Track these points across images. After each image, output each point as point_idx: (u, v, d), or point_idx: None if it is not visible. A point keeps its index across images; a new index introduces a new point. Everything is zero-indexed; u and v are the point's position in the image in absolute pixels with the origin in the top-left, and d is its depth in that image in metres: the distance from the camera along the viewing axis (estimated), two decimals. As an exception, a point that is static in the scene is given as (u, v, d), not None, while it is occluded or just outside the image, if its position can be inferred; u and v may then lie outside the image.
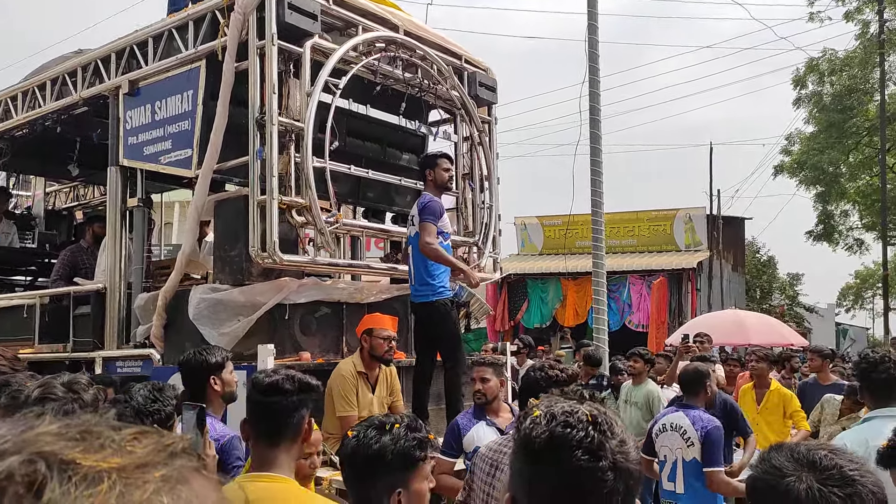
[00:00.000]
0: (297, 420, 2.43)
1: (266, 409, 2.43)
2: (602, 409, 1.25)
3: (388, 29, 5.76)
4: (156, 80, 5.64)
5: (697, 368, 5.05)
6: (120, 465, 0.59)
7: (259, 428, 2.44)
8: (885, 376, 3.44)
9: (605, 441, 1.18)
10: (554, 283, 20.19)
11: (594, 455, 1.16)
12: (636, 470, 1.21)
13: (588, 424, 1.19)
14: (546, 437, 1.19)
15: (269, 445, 2.39)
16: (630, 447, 1.21)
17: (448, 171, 5.35)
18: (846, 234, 30.21)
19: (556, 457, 1.17)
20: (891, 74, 25.12)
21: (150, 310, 5.58)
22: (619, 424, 1.24)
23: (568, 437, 1.18)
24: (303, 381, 2.50)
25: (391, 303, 5.94)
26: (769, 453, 1.35)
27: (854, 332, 38.55)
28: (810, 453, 1.29)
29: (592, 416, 1.21)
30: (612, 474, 1.16)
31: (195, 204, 5.33)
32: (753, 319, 13.98)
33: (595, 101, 9.39)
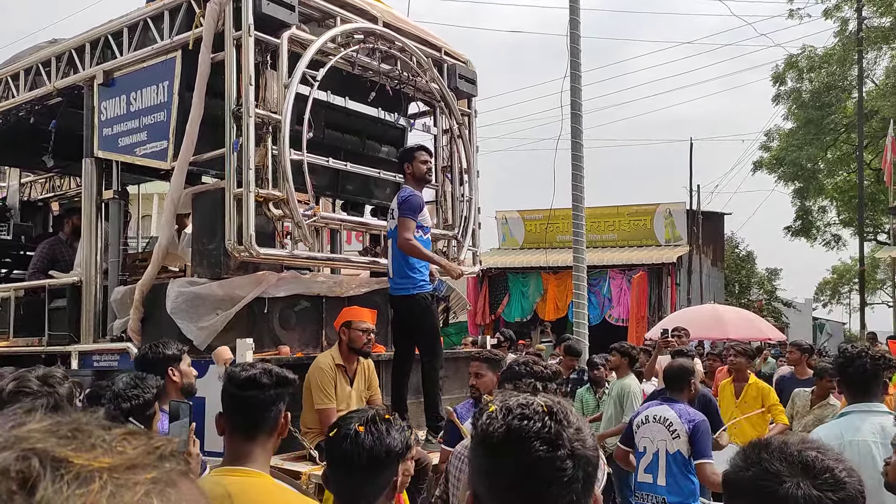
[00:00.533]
0: (274, 414, 2.41)
1: (243, 404, 2.40)
2: (556, 399, 1.26)
3: (367, 20, 5.72)
4: (131, 71, 5.56)
5: (682, 365, 5.07)
6: (111, 466, 0.59)
7: (235, 422, 2.41)
8: (861, 371, 3.44)
9: (562, 430, 1.19)
10: (535, 277, 20.24)
11: (552, 445, 1.18)
12: (594, 456, 1.22)
13: (544, 415, 1.20)
14: (504, 431, 1.20)
15: (245, 440, 2.36)
16: (586, 434, 1.22)
17: (426, 164, 5.30)
18: (824, 230, 30.59)
19: (515, 449, 1.19)
20: (869, 72, 25.41)
21: (127, 303, 5.52)
22: (574, 413, 1.25)
23: (525, 429, 1.19)
24: (280, 374, 2.47)
25: (371, 296, 5.91)
26: (759, 454, 1.33)
27: (831, 326, 39.01)
28: (801, 455, 1.29)
29: (548, 406, 1.22)
30: (570, 462, 1.17)
31: (171, 196, 5.27)
32: (732, 314, 14.08)
33: (576, 96, 9.40)
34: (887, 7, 24.29)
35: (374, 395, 5.06)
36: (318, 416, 4.72)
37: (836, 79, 25.82)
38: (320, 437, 4.76)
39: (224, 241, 4.91)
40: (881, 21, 25.09)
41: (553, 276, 19.70)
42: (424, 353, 5.25)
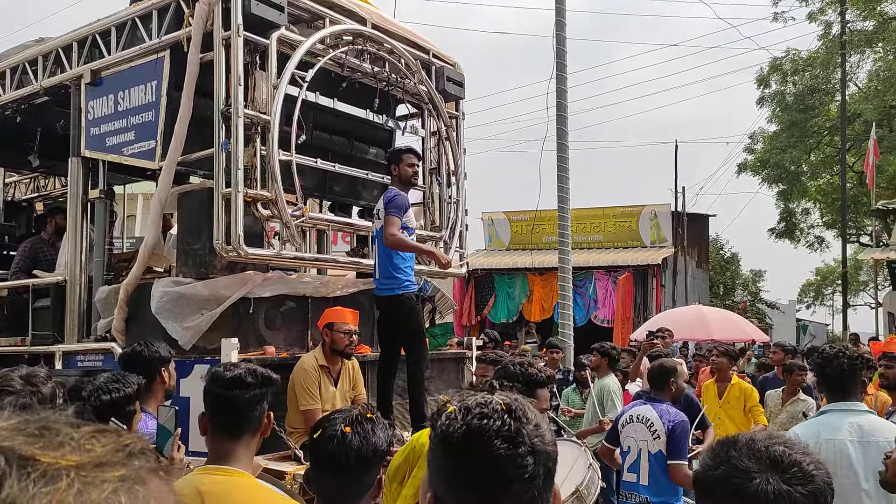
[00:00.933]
0: (258, 414, 2.43)
1: (227, 403, 2.41)
2: (514, 396, 1.28)
3: (356, 22, 5.73)
4: (119, 70, 5.55)
5: (663, 364, 5.15)
6: (78, 463, 0.59)
7: (219, 422, 2.41)
8: (839, 371, 3.46)
9: (522, 427, 1.20)
10: (520, 278, 20.31)
11: (513, 442, 1.19)
12: (553, 451, 1.24)
13: (503, 413, 1.21)
14: (464, 431, 1.21)
15: (229, 439, 2.37)
16: (545, 430, 1.24)
17: (412, 167, 5.31)
18: (807, 232, 30.86)
19: (476, 449, 1.19)
20: (852, 75, 25.67)
21: (111, 303, 5.51)
22: (532, 410, 1.26)
23: (485, 428, 1.20)
24: (264, 374, 2.49)
25: (357, 297, 5.93)
26: (727, 451, 1.35)
27: (814, 328, 39.35)
28: (769, 450, 1.31)
29: (506, 404, 1.23)
30: (531, 459, 1.19)
31: (158, 196, 5.26)
32: (716, 315, 14.20)
33: (562, 98, 9.45)
34: (870, 11, 24.54)
35: (359, 395, 5.07)
36: (303, 417, 4.73)
37: (819, 82, 26.06)
38: (305, 437, 4.76)
39: (211, 241, 4.91)
40: (864, 25, 25.35)
41: (539, 277, 19.77)
42: (410, 354, 5.26)
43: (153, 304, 5.04)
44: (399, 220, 5.05)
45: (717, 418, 6.83)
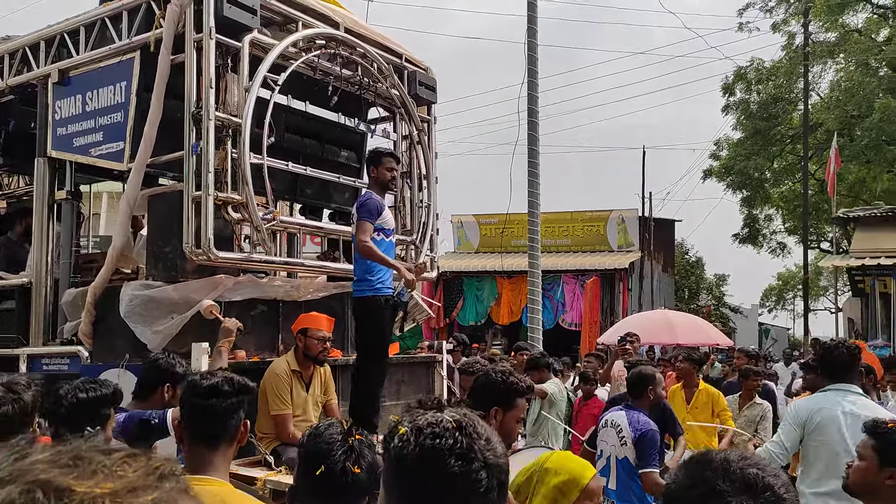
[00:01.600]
0: (235, 422, 2.43)
1: (205, 412, 2.41)
2: (463, 411, 1.30)
3: (329, 26, 5.73)
4: (87, 70, 5.47)
5: (642, 372, 5.22)
6: (112, 490, 0.61)
7: (196, 431, 2.41)
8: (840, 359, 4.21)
9: (474, 443, 1.23)
10: (489, 281, 20.39)
11: (466, 459, 1.21)
12: (504, 463, 1.27)
13: (455, 431, 1.24)
14: (417, 452, 1.23)
15: (206, 448, 2.37)
16: (496, 443, 1.27)
17: (391, 172, 5.26)
18: (770, 238, 31.42)
19: (431, 468, 1.21)
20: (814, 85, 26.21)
21: (78, 305, 5.43)
22: (482, 424, 1.29)
23: (438, 447, 1.22)
24: (240, 383, 2.49)
25: (328, 301, 5.91)
26: (702, 472, 1.37)
27: (776, 332, 40.01)
28: (744, 472, 1.34)
29: (457, 421, 1.26)
30: (485, 473, 1.22)
31: (127, 198, 5.20)
32: (681, 319, 14.39)
33: (533, 104, 9.53)
34: (833, 23, 25.08)
35: (330, 399, 5.07)
36: (274, 422, 4.71)
37: (782, 91, 26.57)
38: (275, 442, 4.75)
39: (180, 244, 4.87)
40: (826, 36, 25.91)
41: (507, 280, 19.87)
42: (359, 356, 5.18)
43: (122, 308, 4.98)
44: (370, 225, 5.01)
45: (684, 423, 6.93)
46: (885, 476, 2.61)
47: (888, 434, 2.66)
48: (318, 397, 4.95)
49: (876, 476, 2.63)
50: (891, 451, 2.62)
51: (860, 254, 14.97)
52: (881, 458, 2.63)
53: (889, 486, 2.60)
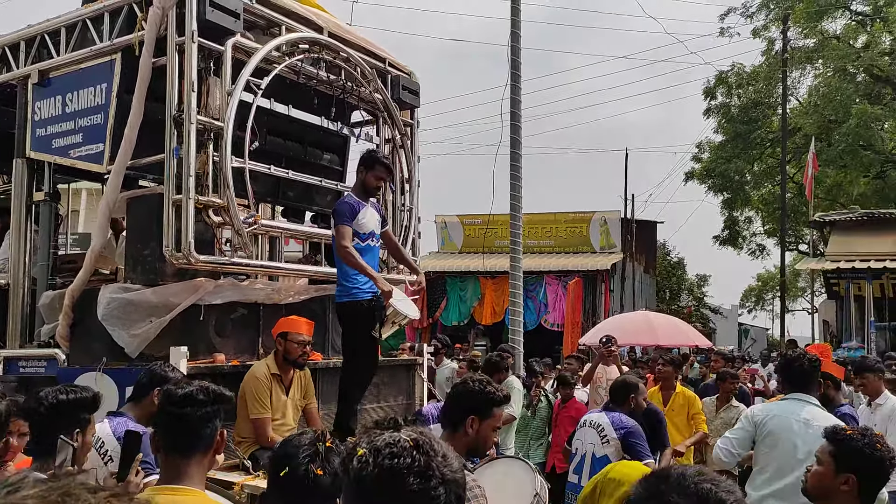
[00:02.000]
0: (210, 431, 2.41)
1: (179, 421, 2.39)
2: (419, 429, 1.35)
3: (312, 30, 5.73)
4: (68, 72, 5.44)
5: (626, 380, 5.37)
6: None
7: (171, 440, 2.40)
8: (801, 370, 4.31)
9: (431, 461, 1.27)
10: (472, 281, 20.42)
11: (424, 477, 1.25)
12: (461, 478, 1.31)
13: (412, 450, 1.28)
14: (376, 473, 1.27)
15: (181, 457, 2.35)
16: (452, 459, 1.31)
17: (378, 181, 5.24)
18: (749, 240, 31.70)
19: (390, 488, 1.25)
20: (793, 90, 26.50)
21: (56, 308, 5.39)
22: (438, 441, 1.33)
23: (397, 467, 1.26)
24: (216, 391, 2.47)
25: (309, 304, 5.91)
26: (658, 486, 1.42)
27: (755, 332, 40.40)
28: (698, 487, 1.38)
29: (413, 440, 1.30)
30: (443, 489, 1.26)
31: (106, 200, 5.17)
32: (662, 321, 14.48)
33: (516, 107, 9.56)
34: (812, 29, 25.36)
35: (310, 403, 5.07)
36: (253, 426, 4.71)
37: (762, 96, 26.85)
38: (254, 446, 4.75)
39: (160, 248, 4.86)
40: (805, 42, 26.20)
41: (491, 280, 19.91)
42: (343, 360, 5.24)
43: (100, 311, 4.95)
44: (347, 229, 4.99)
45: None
46: (841, 481, 2.69)
47: (846, 441, 2.74)
48: (297, 401, 4.95)
49: (832, 481, 2.71)
50: (847, 458, 2.70)
51: (835, 257, 15.16)
52: (837, 463, 2.72)
53: (843, 492, 2.68)
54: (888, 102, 23.93)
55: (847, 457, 2.71)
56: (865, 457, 2.68)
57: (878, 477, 2.73)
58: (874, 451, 2.69)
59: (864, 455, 2.69)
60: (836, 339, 15.47)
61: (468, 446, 2.95)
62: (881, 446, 2.72)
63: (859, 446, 2.70)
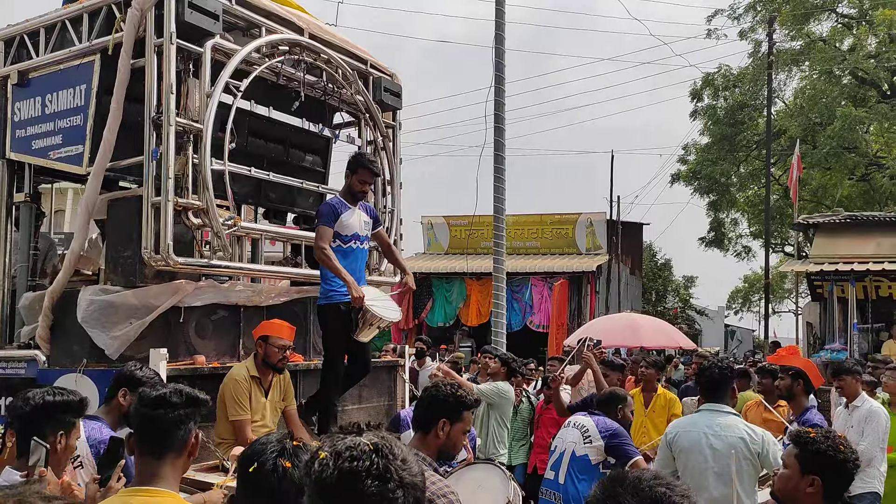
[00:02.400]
0: (182, 434, 2.44)
1: (152, 422, 2.43)
2: (381, 434, 1.39)
3: (293, 31, 5.73)
4: (47, 72, 5.42)
5: (615, 392, 5.47)
6: None
7: (144, 441, 2.44)
8: (710, 379, 4.43)
9: (389, 464, 1.32)
10: (458, 282, 20.45)
11: (382, 479, 1.29)
12: (420, 482, 1.35)
13: (371, 453, 1.33)
14: (336, 476, 1.31)
15: (154, 459, 2.39)
16: (411, 463, 1.35)
17: (363, 185, 5.27)
18: (735, 241, 31.87)
19: (349, 489, 1.29)
20: (779, 92, 26.67)
21: (35, 309, 5.38)
22: (399, 445, 1.37)
23: (355, 469, 1.30)
24: (190, 394, 2.50)
25: (290, 306, 5.92)
26: (615, 488, 1.47)
27: (741, 333, 40.62)
28: (652, 491, 1.43)
29: (374, 444, 1.34)
30: (401, 492, 1.30)
31: (85, 202, 5.16)
32: (646, 323, 14.54)
33: (500, 109, 9.61)
34: (798, 31, 25.55)
35: (289, 405, 5.08)
36: (232, 428, 4.72)
37: (748, 98, 26.99)
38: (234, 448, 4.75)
39: (140, 249, 4.86)
40: (791, 44, 26.38)
41: (476, 281, 19.94)
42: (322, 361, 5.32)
43: (79, 313, 4.94)
44: (327, 230, 5.04)
45: (642, 427, 7.06)
46: (806, 483, 2.73)
47: (810, 443, 2.78)
48: (277, 403, 4.97)
49: (798, 483, 2.75)
50: (811, 460, 2.75)
51: (819, 259, 15.26)
52: (802, 466, 2.76)
53: (809, 493, 2.73)
54: (873, 105, 24.11)
55: (811, 459, 2.75)
56: (829, 458, 2.72)
57: (842, 478, 2.77)
58: (837, 453, 2.73)
59: (827, 457, 2.73)
60: (819, 341, 15.58)
61: (438, 449, 3.00)
62: (844, 448, 2.76)
63: (823, 448, 2.74)
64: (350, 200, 5.26)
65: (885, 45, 23.86)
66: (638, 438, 6.72)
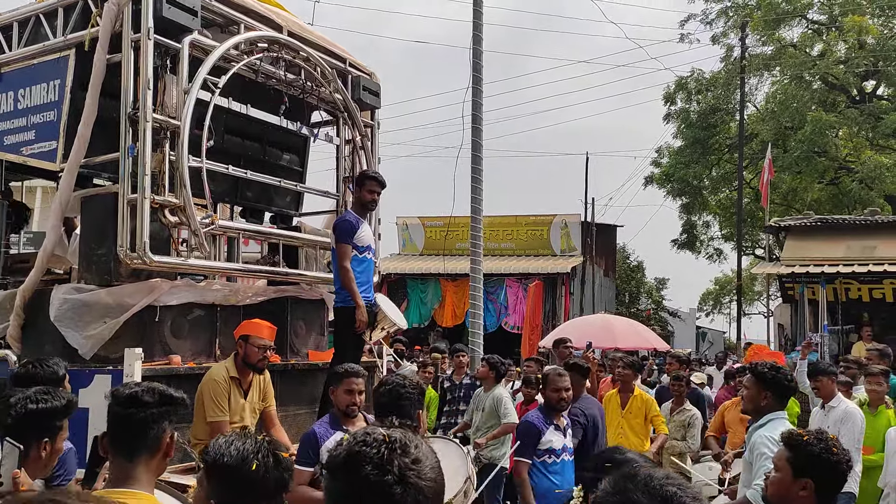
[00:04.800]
0: (156, 433, 2.36)
1: (124, 422, 2.36)
2: (406, 432, 1.38)
3: (272, 29, 5.69)
4: (20, 67, 5.33)
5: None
6: None
7: (116, 441, 2.37)
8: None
9: (395, 458, 1.31)
10: (433, 283, 20.43)
11: (381, 469, 1.29)
12: (428, 488, 1.33)
13: (381, 443, 1.33)
14: (343, 456, 1.34)
15: (126, 460, 2.31)
16: (426, 466, 1.33)
17: (372, 195, 5.65)
18: (707, 244, 32.18)
19: (350, 472, 1.31)
20: (750, 97, 27.00)
21: (6, 308, 5.27)
22: (420, 447, 1.36)
23: (360, 454, 1.31)
24: (164, 393, 2.43)
25: (268, 305, 5.86)
26: (626, 484, 1.46)
27: (713, 335, 41.04)
28: (663, 489, 1.41)
29: (389, 436, 1.34)
30: (399, 488, 1.28)
31: (59, 199, 5.07)
32: (621, 324, 14.66)
33: (477, 110, 9.59)
34: (769, 36, 25.88)
35: (268, 406, 5.03)
36: (210, 429, 4.65)
37: (721, 102, 27.27)
38: (212, 449, 4.70)
39: (115, 248, 4.78)
40: (763, 49, 26.72)
41: (451, 282, 19.94)
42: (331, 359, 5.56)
43: (52, 312, 4.85)
44: (348, 247, 5.45)
45: (619, 428, 7.07)
46: (799, 487, 2.70)
47: (802, 446, 2.74)
48: (255, 404, 4.91)
49: (790, 487, 2.72)
50: (803, 463, 2.71)
51: (790, 262, 15.47)
52: (794, 469, 2.73)
53: (801, 497, 2.69)
54: (842, 110, 24.50)
55: (803, 462, 2.72)
56: (822, 461, 2.69)
57: (834, 480, 2.74)
58: (830, 456, 2.70)
59: (820, 460, 2.70)
60: (790, 343, 15.79)
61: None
62: (836, 450, 2.73)
63: (816, 451, 2.71)
64: (362, 213, 5.65)
65: (854, 51, 24.25)
66: (615, 440, 6.73)
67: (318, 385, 5.85)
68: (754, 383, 3.99)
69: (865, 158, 23.27)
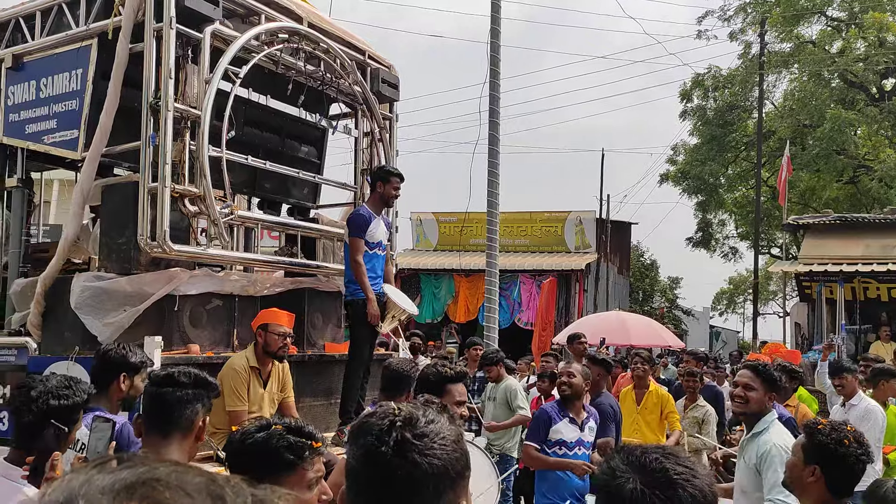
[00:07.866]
0: (189, 414, 2.44)
1: (159, 400, 2.45)
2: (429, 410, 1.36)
3: (292, 20, 5.69)
4: (42, 56, 5.35)
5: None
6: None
7: (151, 419, 2.46)
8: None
9: (395, 430, 1.29)
10: (447, 279, 20.43)
11: (380, 440, 1.29)
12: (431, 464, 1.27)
13: (393, 416, 1.32)
14: (357, 425, 1.38)
15: (160, 438, 2.40)
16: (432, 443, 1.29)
17: (397, 191, 5.68)
18: (722, 242, 32.03)
19: (357, 440, 1.34)
20: (768, 94, 26.80)
21: (27, 296, 5.30)
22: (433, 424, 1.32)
23: (368, 423, 1.33)
24: (199, 376, 2.52)
25: (285, 296, 5.88)
26: (614, 457, 1.45)
27: (726, 334, 40.83)
28: (643, 456, 1.38)
29: (401, 410, 1.33)
30: (398, 460, 1.27)
31: (80, 188, 5.10)
32: (635, 321, 14.60)
33: (495, 104, 9.58)
34: (788, 33, 25.67)
35: (287, 397, 5.04)
36: (229, 418, 4.66)
37: (738, 99, 27.10)
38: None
39: (135, 236, 4.80)
40: (781, 46, 26.51)
41: (465, 278, 19.94)
42: (348, 354, 5.65)
43: (73, 299, 4.88)
44: (360, 241, 5.45)
45: (634, 424, 7.05)
46: (809, 473, 2.72)
47: (815, 434, 2.78)
48: (274, 394, 4.92)
49: (801, 473, 2.75)
50: (814, 450, 2.75)
51: (808, 260, 15.35)
52: (806, 455, 2.76)
53: (810, 483, 2.72)
54: (861, 108, 24.27)
55: (813, 449, 2.76)
56: (830, 451, 2.72)
57: (843, 471, 2.74)
58: (839, 447, 2.72)
59: (828, 449, 2.72)
60: (807, 342, 15.67)
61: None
62: (849, 442, 2.73)
63: (826, 441, 2.74)
64: (376, 210, 5.67)
65: (874, 49, 24.02)
66: (630, 436, 6.72)
67: (334, 377, 5.87)
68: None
69: (885, 157, 23.06)
